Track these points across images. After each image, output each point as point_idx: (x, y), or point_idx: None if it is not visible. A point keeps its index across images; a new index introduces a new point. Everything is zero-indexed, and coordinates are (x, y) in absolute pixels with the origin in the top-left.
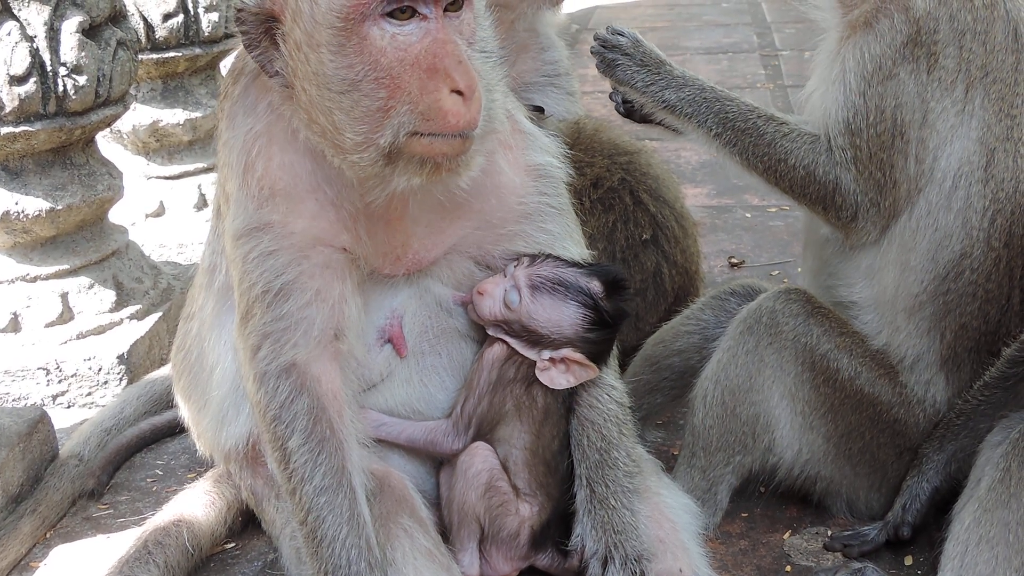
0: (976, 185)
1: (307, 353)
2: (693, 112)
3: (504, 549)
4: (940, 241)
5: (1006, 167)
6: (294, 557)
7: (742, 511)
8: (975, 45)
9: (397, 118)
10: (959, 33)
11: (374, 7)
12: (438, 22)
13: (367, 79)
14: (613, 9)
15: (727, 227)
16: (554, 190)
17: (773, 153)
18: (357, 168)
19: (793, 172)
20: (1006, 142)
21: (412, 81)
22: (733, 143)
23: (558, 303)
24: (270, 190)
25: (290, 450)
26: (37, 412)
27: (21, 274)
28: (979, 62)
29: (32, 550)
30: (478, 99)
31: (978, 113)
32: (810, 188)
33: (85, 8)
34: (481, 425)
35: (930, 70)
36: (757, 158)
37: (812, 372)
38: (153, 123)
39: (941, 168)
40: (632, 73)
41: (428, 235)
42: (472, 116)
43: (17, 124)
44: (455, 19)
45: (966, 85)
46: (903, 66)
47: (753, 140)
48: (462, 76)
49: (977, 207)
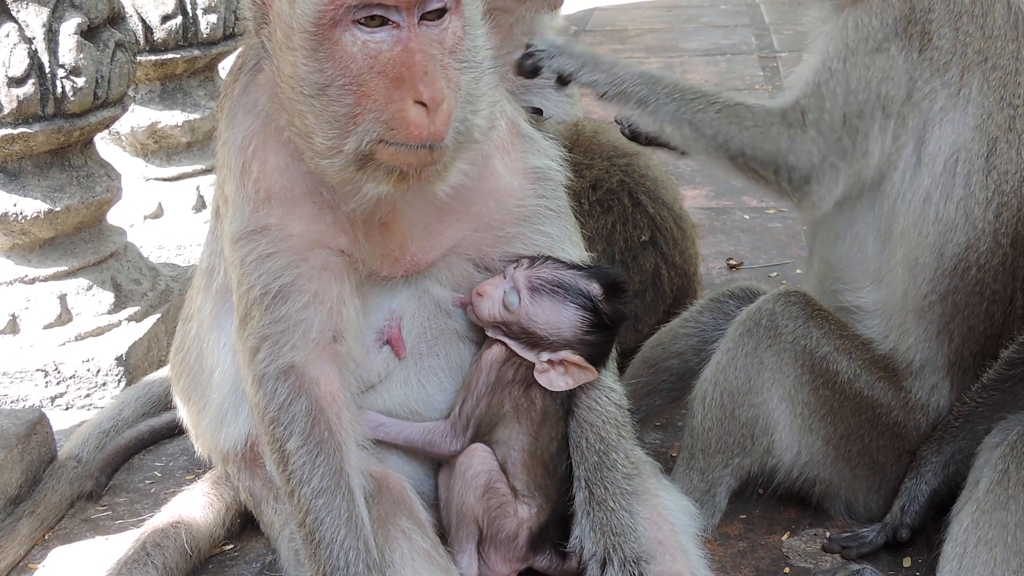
0: (977, 175)
1: (305, 355)
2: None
3: (502, 550)
4: (944, 232)
5: (1009, 159)
6: (292, 559)
7: (741, 513)
8: (972, 28)
9: (364, 125)
10: (955, 15)
11: (345, 13)
12: (410, 31)
13: (336, 84)
14: (611, 11)
15: (725, 229)
16: (553, 193)
17: (726, 115)
18: (329, 172)
19: (746, 133)
20: (1009, 133)
21: (379, 89)
22: (681, 112)
23: (557, 305)
24: (266, 192)
25: (288, 452)
26: (35, 414)
27: (19, 276)
28: (976, 46)
29: (30, 552)
30: (445, 111)
31: (976, 99)
32: (764, 147)
33: (83, 10)
34: (479, 427)
35: (922, 49)
36: (706, 124)
37: (811, 374)
38: (151, 125)
39: (929, 151)
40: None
41: (426, 237)
42: (437, 129)
43: (15, 126)
44: (433, 28)
45: (961, 68)
46: (894, 42)
47: (704, 106)
48: (427, 88)
49: (979, 198)
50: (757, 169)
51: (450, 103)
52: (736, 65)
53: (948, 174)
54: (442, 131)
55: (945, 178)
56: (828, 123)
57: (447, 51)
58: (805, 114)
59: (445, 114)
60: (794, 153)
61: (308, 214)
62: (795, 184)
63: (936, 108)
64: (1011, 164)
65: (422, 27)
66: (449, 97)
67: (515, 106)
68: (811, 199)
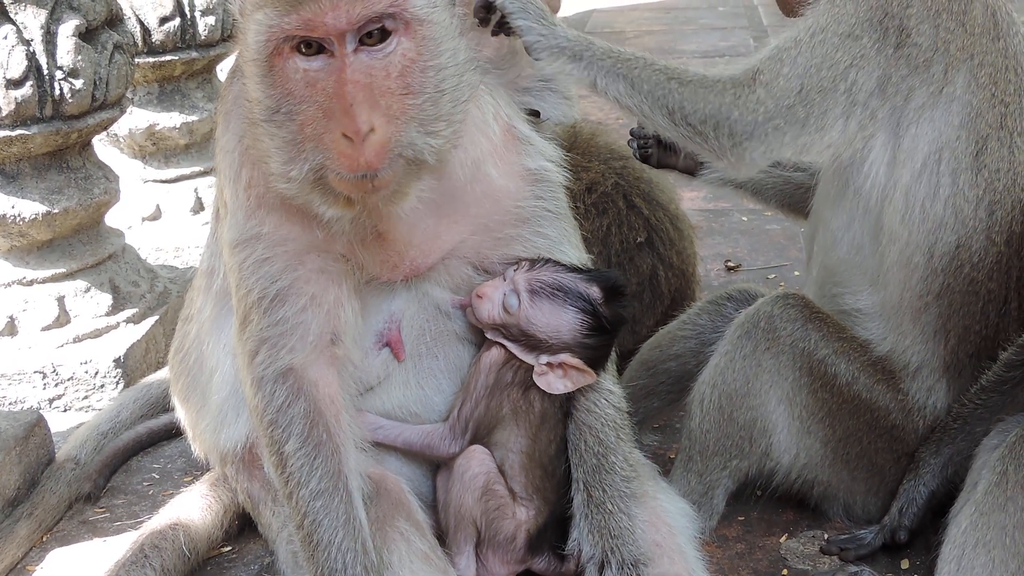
0: (965, 173)
1: (304, 358)
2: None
3: (500, 553)
4: (932, 231)
5: (1001, 157)
6: (291, 561)
7: (739, 515)
8: (953, 25)
9: (308, 152)
10: (934, 12)
11: (283, 41)
12: (342, 59)
13: (282, 111)
14: (609, 13)
15: (723, 230)
16: (551, 194)
17: (667, 73)
18: (288, 195)
19: (687, 88)
20: (1000, 130)
21: (317, 117)
22: (618, 68)
23: (557, 308)
24: (259, 199)
25: (287, 454)
26: (33, 416)
27: (17, 277)
28: (959, 43)
29: (28, 554)
30: (375, 143)
31: (961, 97)
32: (706, 100)
33: (82, 12)
34: (478, 429)
35: (898, 45)
36: (644, 79)
37: (809, 377)
38: (149, 127)
39: (905, 148)
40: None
41: (424, 242)
42: (368, 160)
43: (13, 128)
44: (375, 53)
45: (944, 66)
46: (868, 32)
47: (642, 66)
48: (351, 120)
49: (969, 196)
50: (695, 125)
51: (384, 133)
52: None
53: (930, 172)
54: (374, 162)
55: (927, 176)
56: (782, 87)
57: (392, 76)
58: (758, 75)
59: (376, 145)
60: (738, 109)
61: (302, 221)
62: (735, 140)
63: (913, 106)
64: (1003, 162)
65: (361, 53)
66: (381, 127)
67: (513, 109)
68: (747, 157)
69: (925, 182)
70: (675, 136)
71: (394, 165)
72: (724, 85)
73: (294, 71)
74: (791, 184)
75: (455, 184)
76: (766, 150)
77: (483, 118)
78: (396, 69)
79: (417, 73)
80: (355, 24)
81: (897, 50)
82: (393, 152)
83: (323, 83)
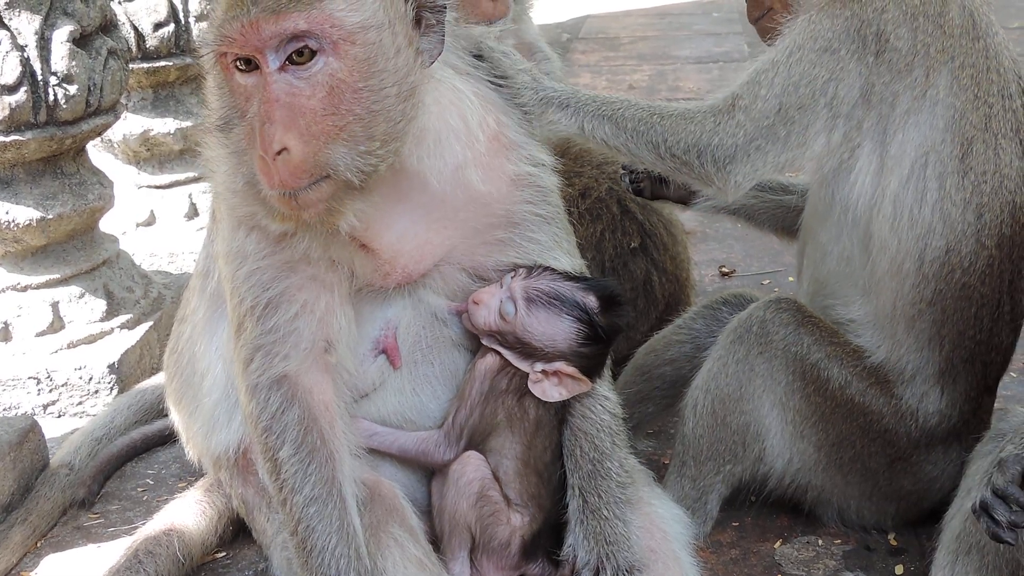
0: (952, 176)
1: (298, 365)
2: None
3: (495, 559)
4: (921, 236)
5: (987, 159)
6: (285, 566)
7: (733, 520)
8: (931, 27)
9: (245, 166)
10: (910, 15)
11: (220, 56)
12: (265, 77)
13: (229, 123)
14: (604, 18)
15: (718, 236)
16: (541, 199)
17: (648, 111)
18: (232, 204)
19: (668, 120)
20: (985, 132)
21: (249, 132)
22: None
23: (553, 317)
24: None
25: (281, 460)
26: (28, 421)
27: (12, 283)
28: (939, 45)
29: (23, 559)
30: (289, 162)
31: (945, 99)
32: (688, 130)
33: (76, 17)
34: (473, 436)
35: (878, 52)
36: (628, 118)
37: (803, 381)
38: (144, 132)
39: (892, 155)
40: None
41: (414, 248)
42: (283, 179)
43: (8, 133)
44: (300, 72)
45: (925, 69)
46: (846, 44)
47: (625, 107)
48: (264, 139)
49: (956, 199)
50: (679, 155)
51: (298, 154)
52: (728, 72)
53: (917, 177)
54: (288, 181)
55: (914, 181)
56: (760, 109)
57: (317, 96)
58: (737, 100)
59: (289, 165)
60: (719, 135)
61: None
62: (718, 165)
63: (898, 111)
64: (988, 164)
65: (286, 72)
66: (296, 148)
67: (508, 114)
68: (732, 180)
69: (912, 188)
70: (663, 169)
71: (319, 185)
72: (704, 114)
73: (236, 85)
74: (783, 207)
75: (434, 192)
76: (750, 171)
77: (463, 126)
78: (322, 89)
79: (347, 94)
80: (269, 43)
81: (878, 57)
82: (311, 173)
83: (254, 99)
